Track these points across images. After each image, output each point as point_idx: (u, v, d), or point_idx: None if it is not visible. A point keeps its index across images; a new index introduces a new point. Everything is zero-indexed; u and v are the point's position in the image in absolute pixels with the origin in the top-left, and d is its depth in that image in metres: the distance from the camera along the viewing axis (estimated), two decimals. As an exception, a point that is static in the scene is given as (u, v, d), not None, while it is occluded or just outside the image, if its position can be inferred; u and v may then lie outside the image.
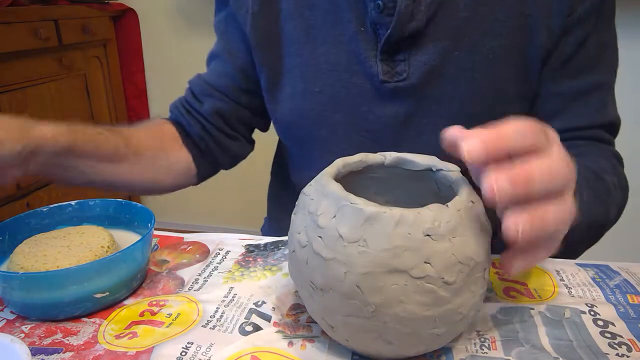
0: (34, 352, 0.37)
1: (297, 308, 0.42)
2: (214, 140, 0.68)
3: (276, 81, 0.63)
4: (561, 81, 0.57)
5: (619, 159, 0.61)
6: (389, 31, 0.54)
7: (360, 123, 0.60)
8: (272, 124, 0.71)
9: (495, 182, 0.30)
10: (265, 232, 0.82)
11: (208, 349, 0.37)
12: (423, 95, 0.57)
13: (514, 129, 0.32)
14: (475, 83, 0.56)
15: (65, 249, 0.45)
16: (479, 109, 0.57)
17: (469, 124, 0.54)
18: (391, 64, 0.56)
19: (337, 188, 0.33)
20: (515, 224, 0.31)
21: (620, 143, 0.62)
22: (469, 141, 0.31)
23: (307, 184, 0.37)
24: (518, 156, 0.32)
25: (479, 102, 0.57)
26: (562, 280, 0.46)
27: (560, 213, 0.33)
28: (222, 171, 0.74)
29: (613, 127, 0.61)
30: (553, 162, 0.32)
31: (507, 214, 0.31)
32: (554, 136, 0.34)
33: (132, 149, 0.60)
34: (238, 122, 0.69)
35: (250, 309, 0.42)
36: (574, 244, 0.48)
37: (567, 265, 0.49)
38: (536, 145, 0.32)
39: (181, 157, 0.67)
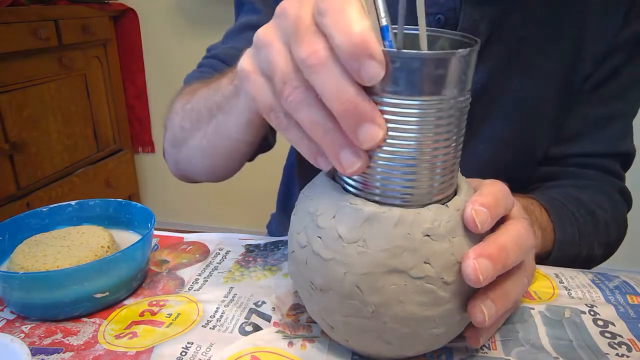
0: (34, 352, 0.37)
1: (297, 308, 0.42)
2: None
3: None
4: (590, 105, 0.56)
5: (624, 195, 0.60)
6: None
7: None
8: None
9: (478, 262, 0.30)
10: (271, 229, 0.81)
11: (208, 349, 0.37)
12: (469, 114, 0.56)
13: (501, 191, 0.33)
14: (517, 104, 0.55)
15: (65, 249, 0.45)
16: (519, 130, 0.57)
17: (505, 143, 0.55)
18: None
19: (336, 188, 0.33)
20: (481, 312, 0.31)
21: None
22: (480, 212, 0.31)
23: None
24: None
25: (520, 124, 0.56)
26: (561, 282, 0.46)
27: (520, 284, 0.34)
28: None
29: (628, 158, 0.60)
30: (520, 232, 0.33)
31: (471, 301, 0.32)
32: (512, 198, 0.35)
33: None
34: None
35: (250, 309, 0.42)
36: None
37: (565, 269, 0.49)
38: (509, 210, 0.34)
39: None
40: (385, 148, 0.29)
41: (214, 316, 0.41)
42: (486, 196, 0.32)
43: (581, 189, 0.57)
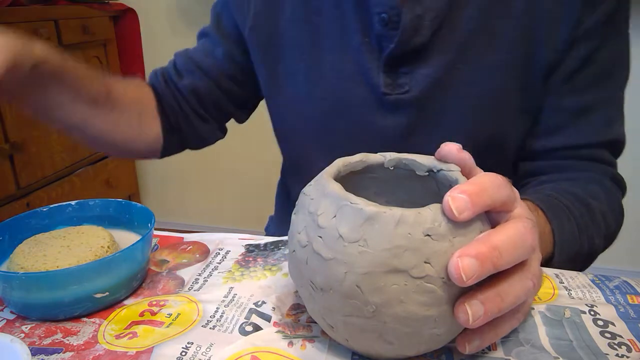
0: (34, 352, 0.37)
1: (297, 308, 0.42)
2: (185, 116, 0.67)
3: (276, 83, 0.63)
4: (565, 96, 0.56)
5: (618, 182, 0.59)
6: (392, 45, 0.54)
7: (361, 133, 0.59)
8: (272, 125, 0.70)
9: (461, 260, 0.29)
10: (269, 231, 0.81)
11: (208, 349, 0.37)
12: (425, 108, 0.56)
13: (491, 181, 0.31)
14: (478, 96, 0.55)
15: (65, 249, 0.45)
16: (481, 122, 0.56)
17: (470, 137, 0.55)
18: (394, 76, 0.56)
19: (337, 188, 0.33)
20: (464, 312, 0.30)
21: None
22: (457, 199, 0.30)
23: (299, 190, 0.37)
24: (490, 213, 0.32)
25: (481, 116, 0.56)
26: (561, 282, 0.46)
27: (520, 287, 0.32)
28: (222, 171, 0.74)
29: (617, 145, 0.59)
30: (518, 231, 0.31)
31: (458, 300, 0.31)
32: (517, 193, 0.34)
33: (112, 100, 0.59)
34: (213, 105, 0.68)
35: (250, 309, 0.42)
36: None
37: (565, 270, 0.49)
38: (507, 202, 0.32)
39: (153, 125, 0.66)
40: None
41: (214, 316, 0.41)
42: (470, 184, 0.31)
43: (572, 181, 0.56)
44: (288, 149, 0.70)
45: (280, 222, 0.79)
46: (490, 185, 0.31)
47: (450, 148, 0.36)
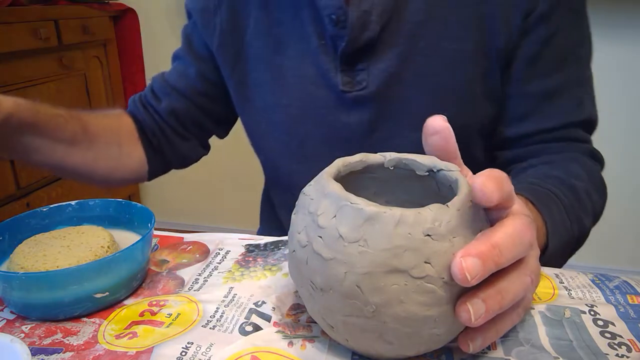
0: (34, 352, 0.37)
1: (297, 308, 0.42)
2: (166, 138, 0.70)
3: (245, 95, 0.65)
4: (529, 82, 0.56)
5: (595, 157, 0.59)
6: (344, 43, 0.55)
7: (328, 132, 0.61)
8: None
9: (465, 260, 0.29)
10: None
11: (208, 349, 0.37)
12: (384, 102, 0.58)
13: (502, 176, 0.32)
14: (436, 87, 0.56)
15: (65, 249, 0.45)
16: (443, 111, 0.57)
17: None
18: (352, 74, 0.57)
19: (337, 188, 0.33)
20: (466, 311, 0.30)
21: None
22: (487, 185, 0.30)
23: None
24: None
25: (442, 105, 0.56)
26: (561, 282, 0.46)
27: (519, 284, 0.32)
28: (222, 171, 0.75)
29: (589, 124, 0.59)
30: (516, 228, 0.32)
31: (459, 300, 0.31)
32: (512, 187, 0.34)
33: (89, 135, 0.61)
34: (192, 123, 0.71)
35: (250, 309, 0.42)
36: (552, 262, 0.48)
37: (565, 269, 0.49)
38: (507, 199, 0.32)
39: (135, 152, 0.68)
40: None
41: (214, 316, 0.41)
42: (488, 176, 0.31)
43: (551, 164, 0.56)
44: (264, 159, 0.71)
45: (266, 233, 0.79)
46: (504, 180, 0.32)
47: (435, 118, 0.37)
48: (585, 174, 0.55)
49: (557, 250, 0.50)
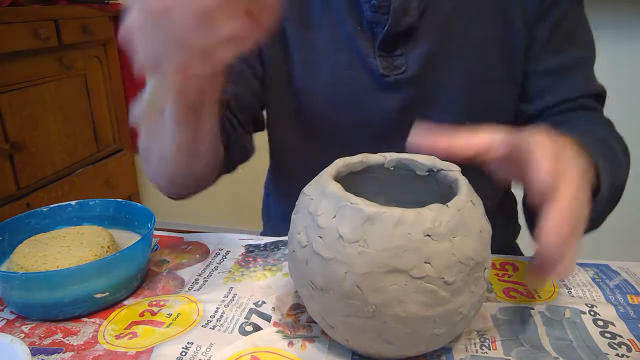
0: (34, 352, 0.37)
1: (297, 308, 0.42)
2: (233, 128, 0.63)
3: (282, 79, 0.64)
4: (545, 59, 0.60)
5: (611, 125, 0.62)
6: (385, 28, 0.57)
7: (364, 116, 0.62)
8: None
9: (546, 236, 0.30)
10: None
11: (208, 349, 0.37)
12: (422, 85, 0.60)
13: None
14: (467, 71, 0.59)
15: (65, 249, 0.45)
16: (472, 94, 0.61)
17: (464, 107, 0.59)
18: (389, 59, 0.59)
19: (337, 188, 0.33)
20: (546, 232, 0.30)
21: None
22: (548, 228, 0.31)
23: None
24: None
25: (472, 88, 0.60)
26: (561, 280, 0.46)
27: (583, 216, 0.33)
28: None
29: (601, 97, 0.63)
30: (576, 187, 0.32)
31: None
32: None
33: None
34: (250, 108, 0.65)
35: (250, 309, 0.42)
36: (600, 215, 0.50)
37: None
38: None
39: (221, 148, 0.61)
40: None
41: (214, 316, 0.41)
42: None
43: (580, 127, 0.58)
44: (282, 147, 0.70)
45: (269, 233, 0.78)
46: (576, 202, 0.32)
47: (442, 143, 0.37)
48: (611, 135, 0.58)
49: (605, 198, 0.49)
